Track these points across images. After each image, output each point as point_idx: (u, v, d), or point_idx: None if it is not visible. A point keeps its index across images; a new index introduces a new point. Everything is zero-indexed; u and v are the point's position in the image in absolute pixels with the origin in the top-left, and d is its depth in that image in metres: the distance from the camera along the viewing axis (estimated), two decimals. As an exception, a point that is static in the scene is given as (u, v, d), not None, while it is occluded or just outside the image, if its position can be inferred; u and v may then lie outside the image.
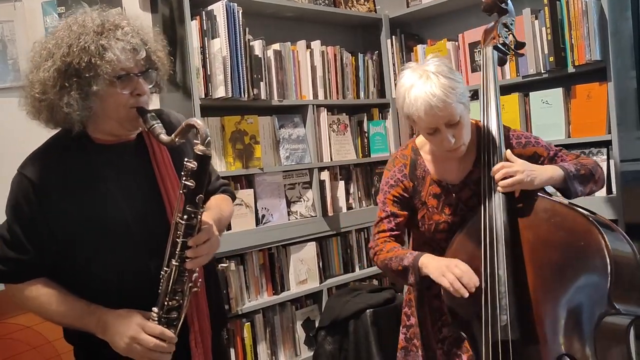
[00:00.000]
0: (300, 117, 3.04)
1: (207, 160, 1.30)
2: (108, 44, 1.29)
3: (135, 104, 1.36)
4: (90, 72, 1.28)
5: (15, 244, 1.36)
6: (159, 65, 1.43)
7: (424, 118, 1.60)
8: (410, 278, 1.69)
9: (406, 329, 1.98)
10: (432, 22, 3.42)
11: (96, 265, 1.37)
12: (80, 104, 1.30)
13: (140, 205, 1.40)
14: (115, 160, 1.41)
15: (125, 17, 1.39)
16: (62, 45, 1.30)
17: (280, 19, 3.13)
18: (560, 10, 2.59)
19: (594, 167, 1.74)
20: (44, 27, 2.67)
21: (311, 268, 2.97)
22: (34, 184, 1.34)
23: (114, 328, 1.32)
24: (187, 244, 1.31)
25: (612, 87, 2.50)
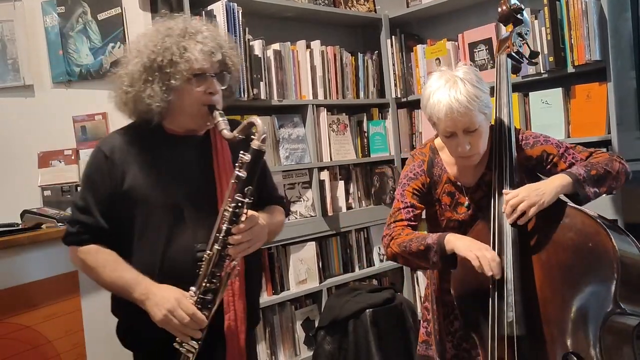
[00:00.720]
0: (300, 117, 3.04)
1: (261, 155, 1.44)
2: (188, 46, 1.48)
3: (207, 101, 1.52)
4: (171, 68, 1.46)
5: (85, 209, 1.52)
6: (232, 70, 1.59)
7: (443, 120, 1.64)
8: (433, 257, 1.66)
9: (427, 323, 2.01)
10: (432, 22, 3.42)
11: (146, 244, 1.51)
12: (160, 96, 1.47)
13: (195, 191, 1.54)
14: (180, 149, 1.57)
15: (206, 24, 1.57)
16: (149, 45, 1.49)
17: (280, 19, 3.13)
18: (560, 11, 2.60)
19: (609, 163, 1.68)
20: (43, 27, 2.67)
21: (311, 268, 2.97)
22: (107, 156, 1.52)
23: (155, 299, 1.43)
24: (230, 230, 1.42)
25: (612, 87, 2.50)
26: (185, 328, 1.42)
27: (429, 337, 1.99)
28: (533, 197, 1.59)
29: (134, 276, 1.47)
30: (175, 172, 1.54)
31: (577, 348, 1.53)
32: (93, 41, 2.69)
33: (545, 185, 1.62)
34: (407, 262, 1.78)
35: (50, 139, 2.65)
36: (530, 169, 1.79)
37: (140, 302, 1.46)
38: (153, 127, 1.54)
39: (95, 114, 2.67)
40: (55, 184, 2.59)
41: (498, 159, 1.73)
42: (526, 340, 1.58)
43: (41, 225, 2.18)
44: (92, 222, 1.52)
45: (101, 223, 1.52)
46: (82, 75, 2.68)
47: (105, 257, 1.51)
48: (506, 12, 1.89)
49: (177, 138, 1.58)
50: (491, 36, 2.92)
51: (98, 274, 1.52)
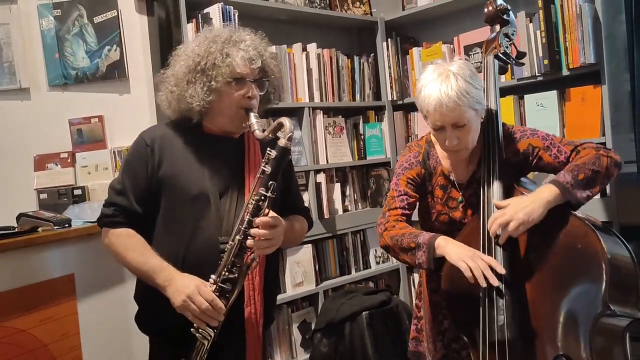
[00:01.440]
0: (296, 120, 3.04)
1: (287, 152, 1.53)
2: (231, 52, 1.59)
3: (245, 104, 1.62)
4: (213, 71, 1.57)
5: (122, 192, 1.62)
6: (271, 78, 1.71)
7: (432, 114, 1.66)
8: (421, 257, 1.67)
9: (417, 320, 2.02)
10: (427, 25, 3.43)
11: (172, 231, 1.60)
12: (201, 95, 1.57)
13: (224, 187, 1.63)
14: (216, 148, 1.66)
15: (250, 34, 1.68)
16: (195, 50, 1.61)
17: (276, 22, 3.14)
18: (554, 14, 2.61)
19: (596, 162, 1.64)
20: (39, 30, 2.67)
21: (307, 270, 2.98)
22: (147, 145, 1.62)
23: (176, 285, 1.51)
24: (252, 222, 1.50)
25: (606, 89, 2.51)
26: (202, 314, 1.48)
27: (419, 334, 2.00)
28: (521, 215, 1.57)
29: (158, 262, 1.55)
30: (208, 167, 1.63)
31: (568, 350, 1.53)
32: (89, 44, 2.69)
33: (532, 201, 1.59)
34: (396, 255, 1.79)
35: (47, 142, 2.65)
36: (519, 165, 1.79)
37: (162, 288, 1.53)
38: (192, 125, 1.65)
39: (91, 116, 2.67)
40: (51, 187, 2.59)
41: (487, 156, 1.74)
42: (517, 344, 1.58)
43: (37, 228, 2.18)
44: (127, 204, 1.61)
45: (135, 207, 1.61)
46: (79, 78, 2.69)
47: (135, 241, 1.60)
48: (492, 12, 1.89)
49: (214, 137, 1.68)
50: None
51: (125, 256, 1.60)
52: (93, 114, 2.66)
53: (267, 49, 1.71)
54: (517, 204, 1.61)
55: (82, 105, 2.68)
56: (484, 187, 1.71)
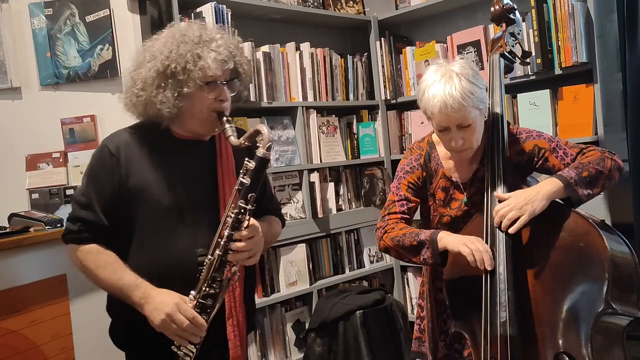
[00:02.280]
0: (289, 119, 3.04)
1: (265, 162, 1.46)
2: (202, 53, 1.49)
3: (217, 108, 1.54)
4: (184, 75, 1.48)
5: (87, 205, 1.51)
6: (243, 78, 1.61)
7: (437, 115, 1.65)
8: (426, 253, 1.68)
9: (420, 320, 2.02)
10: (420, 24, 3.43)
11: (146, 245, 1.52)
12: (172, 102, 1.48)
13: (197, 196, 1.56)
14: (186, 153, 1.58)
15: (220, 31, 1.58)
16: (164, 50, 1.49)
17: (269, 21, 3.13)
18: (547, 13, 2.62)
19: (600, 162, 1.66)
20: (31, 29, 2.65)
21: (301, 270, 2.97)
22: (112, 154, 1.52)
23: (154, 303, 1.44)
24: (232, 236, 1.44)
25: (599, 88, 2.53)
26: (184, 332, 1.43)
27: (422, 334, 2.00)
28: (523, 205, 1.59)
29: (133, 279, 1.47)
30: (180, 175, 1.55)
31: (569, 348, 1.54)
32: (81, 43, 2.67)
33: (536, 192, 1.61)
34: (399, 255, 1.78)
35: (38, 141, 2.64)
36: (522, 165, 1.79)
37: (139, 306, 1.46)
38: (160, 129, 1.55)
39: (83, 116, 2.66)
40: (43, 187, 2.57)
41: (491, 155, 1.73)
42: (518, 340, 1.58)
43: (29, 228, 2.17)
44: (93, 218, 1.51)
45: (103, 220, 1.51)
46: (70, 77, 2.67)
47: (105, 258, 1.51)
48: (499, 11, 1.90)
49: (184, 142, 1.59)
50: (479, 38, 2.94)
51: (97, 275, 1.51)
52: (85, 113, 2.65)
53: (238, 47, 1.62)
54: (519, 195, 1.63)
55: (74, 104, 2.67)
56: (488, 185, 1.71)
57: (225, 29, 1.68)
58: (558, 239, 1.60)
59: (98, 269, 1.50)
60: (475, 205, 1.79)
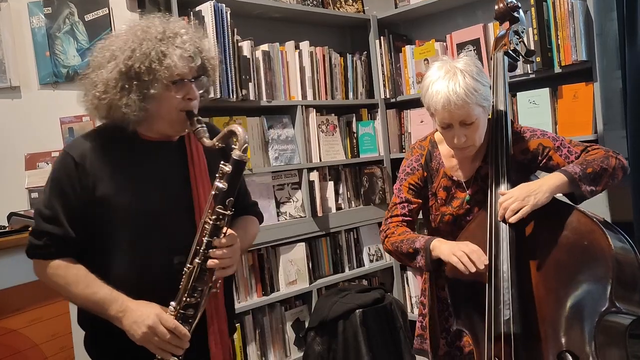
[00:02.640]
0: (289, 118, 3.03)
1: (242, 166, 1.39)
2: (167, 51, 1.39)
3: (186, 107, 1.45)
4: (150, 76, 1.38)
5: (52, 218, 1.41)
6: (210, 73, 1.52)
7: (440, 112, 1.65)
8: (420, 261, 1.71)
9: (422, 317, 2.02)
10: (420, 22, 3.43)
11: (121, 255, 1.43)
12: (138, 105, 1.39)
13: (171, 201, 1.47)
14: (155, 156, 1.49)
15: (184, 26, 1.48)
16: (125, 49, 1.38)
17: (269, 20, 3.13)
18: (546, 11, 2.61)
19: (605, 160, 1.67)
20: (30, 28, 2.65)
21: (301, 269, 2.97)
22: (76, 162, 1.41)
23: (133, 317, 1.37)
24: (212, 243, 1.38)
25: (598, 87, 2.53)
26: (166, 345, 1.36)
27: (424, 332, 2.00)
28: (526, 197, 1.60)
29: (107, 292, 1.39)
30: (150, 180, 1.46)
31: (572, 346, 1.54)
32: (80, 42, 2.67)
33: (540, 185, 1.62)
34: (399, 259, 1.83)
35: (38, 140, 2.64)
36: (526, 164, 1.79)
37: (117, 320, 1.39)
38: (126, 133, 1.45)
39: (82, 115, 2.65)
40: (42, 186, 2.53)
41: (494, 153, 1.73)
42: (522, 339, 1.58)
43: (28, 227, 2.16)
44: (60, 232, 1.41)
45: (70, 233, 1.41)
46: (69, 76, 2.67)
47: (76, 272, 1.42)
48: (503, 9, 1.91)
49: (152, 144, 1.50)
50: (479, 37, 2.93)
51: (68, 291, 1.43)
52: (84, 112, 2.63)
53: (204, 41, 1.52)
54: (523, 187, 1.64)
55: (73, 103, 2.60)
56: (492, 183, 1.72)
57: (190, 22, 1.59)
58: (562, 237, 1.60)
59: (69, 285, 1.42)
60: (477, 203, 1.80)
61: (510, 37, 1.87)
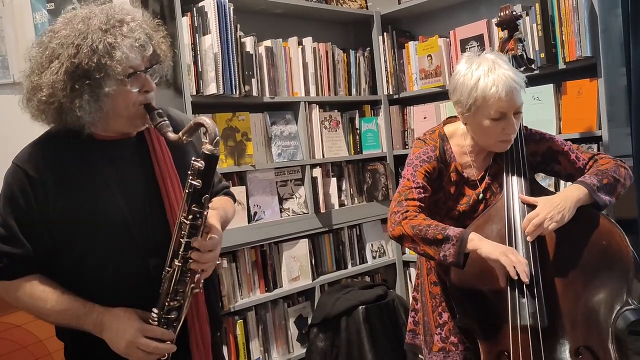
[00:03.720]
0: (292, 114, 3.03)
1: (215, 160, 1.29)
2: (116, 42, 1.26)
3: (144, 100, 1.35)
4: (101, 73, 1.26)
5: (10, 238, 1.31)
6: (162, 59, 1.40)
7: (504, 99, 1.62)
8: (449, 249, 1.60)
9: (414, 312, 2.02)
10: (423, 18, 3.42)
11: (92, 264, 1.34)
12: (92, 106, 1.27)
13: (139, 203, 1.38)
14: (115, 156, 1.38)
15: (128, 12, 1.35)
16: (67, 45, 1.25)
17: (272, 16, 3.12)
18: (551, 7, 2.60)
19: (616, 170, 1.71)
20: (33, 24, 2.64)
21: (303, 265, 2.97)
22: (29, 175, 1.30)
23: (112, 329, 1.30)
24: (191, 244, 1.30)
25: (603, 83, 2.52)
26: (150, 356, 1.30)
27: (416, 327, 2.01)
28: (555, 214, 1.59)
29: (80, 306, 1.31)
30: (113, 183, 1.36)
31: (590, 342, 1.57)
32: (83, 38, 2.67)
33: (565, 200, 1.62)
34: (414, 245, 1.69)
35: (41, 136, 2.63)
36: (534, 165, 1.81)
37: (96, 333, 1.31)
38: (77, 132, 1.32)
39: (85, 111, 2.65)
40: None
41: (510, 152, 1.75)
42: (542, 333, 1.59)
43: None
44: (19, 252, 1.30)
45: (30, 251, 1.31)
46: (72, 72, 2.66)
47: (43, 289, 1.32)
48: (507, 17, 1.93)
49: (109, 143, 1.38)
50: (482, 33, 2.93)
51: (38, 309, 1.33)
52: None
53: (153, 25, 1.38)
54: (547, 203, 1.62)
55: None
56: (508, 180, 1.73)
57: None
58: (581, 236, 1.63)
59: (38, 303, 1.32)
60: (484, 202, 1.81)
61: (516, 43, 1.91)
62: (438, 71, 3.12)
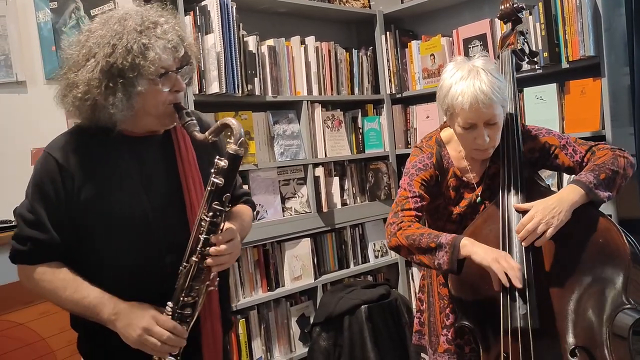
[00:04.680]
0: (294, 113, 3.03)
1: (239, 160, 1.33)
2: (149, 43, 1.31)
3: (173, 100, 1.39)
4: (134, 72, 1.30)
5: (36, 223, 1.35)
6: (192, 60, 1.45)
7: (467, 111, 1.61)
8: (442, 257, 1.60)
9: (420, 313, 2.01)
10: (426, 18, 3.42)
11: (111, 256, 1.38)
12: (124, 103, 1.32)
13: (160, 199, 1.41)
14: (140, 152, 1.43)
15: (162, 14, 1.39)
16: (103, 44, 1.30)
17: (274, 15, 3.12)
18: (554, 6, 2.60)
19: (614, 162, 1.65)
20: (36, 23, 2.65)
21: (306, 264, 2.97)
22: (59, 164, 1.35)
23: (127, 319, 1.32)
24: (209, 241, 1.33)
25: (606, 82, 2.51)
26: (163, 346, 1.32)
27: (422, 328, 2.00)
28: (549, 219, 1.56)
29: (98, 295, 1.34)
30: (138, 178, 1.40)
31: (586, 342, 1.54)
32: (86, 37, 2.67)
33: (560, 202, 1.58)
34: (410, 255, 1.70)
35: (43, 135, 2.60)
36: (534, 162, 1.79)
37: (110, 323, 1.34)
38: (106, 127, 1.37)
39: (88, 110, 2.65)
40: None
41: (507, 154, 1.73)
42: (536, 334, 1.57)
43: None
44: (45, 238, 1.35)
45: (55, 238, 1.35)
46: (75, 71, 2.67)
47: (63, 276, 1.36)
48: (509, 10, 1.91)
49: (136, 140, 1.43)
50: (485, 32, 2.92)
51: (57, 296, 1.37)
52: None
53: (184, 27, 1.44)
54: (544, 207, 1.59)
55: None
56: (504, 182, 1.70)
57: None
58: (578, 234, 1.60)
59: (57, 290, 1.36)
60: (485, 202, 1.80)
61: (517, 37, 1.88)
62: (441, 70, 3.11)
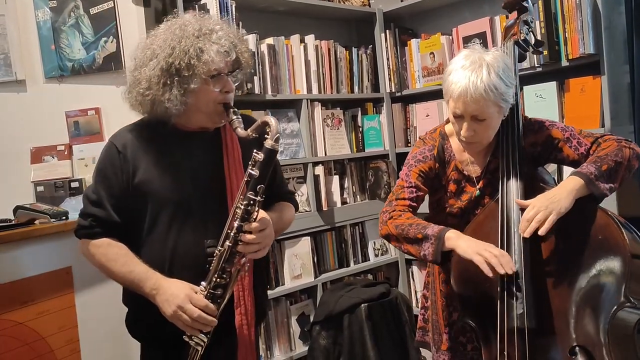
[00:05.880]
0: (294, 112, 3.03)
1: (274, 154, 1.48)
2: (205, 47, 1.49)
3: (223, 100, 1.56)
4: (189, 71, 1.48)
5: (98, 202, 1.55)
6: (244, 66, 1.62)
7: (454, 100, 1.63)
8: (428, 248, 1.62)
9: (424, 310, 2.01)
10: (426, 16, 3.41)
11: (156, 237, 1.55)
12: (179, 99, 1.49)
13: (204, 187, 1.58)
14: (191, 145, 1.60)
15: (218, 22, 1.58)
16: (165, 47, 1.49)
17: (274, 13, 3.12)
18: (554, 4, 2.59)
19: (618, 153, 1.63)
20: (35, 22, 2.65)
21: (306, 263, 2.97)
22: (119, 151, 1.55)
23: (165, 295, 1.47)
24: (242, 228, 1.46)
25: (606, 80, 2.50)
26: (195, 323, 1.45)
27: (426, 324, 2.00)
28: (548, 205, 1.56)
29: (144, 270, 1.51)
30: (186, 168, 1.58)
31: (585, 341, 1.53)
32: (85, 36, 2.67)
33: (560, 193, 1.58)
34: (399, 244, 1.73)
35: (43, 134, 2.64)
36: (535, 156, 1.77)
37: (151, 297, 1.50)
38: (164, 123, 1.56)
39: (88, 109, 2.65)
40: (48, 179, 2.57)
41: (506, 147, 1.71)
42: (534, 333, 1.57)
43: (34, 221, 2.17)
44: (104, 215, 1.55)
45: (113, 217, 1.55)
46: (75, 70, 2.67)
47: (116, 250, 1.55)
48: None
49: (189, 134, 1.60)
50: (485, 30, 2.91)
51: (109, 267, 1.55)
52: (90, 106, 2.65)
53: (238, 36, 1.62)
54: (544, 198, 1.59)
55: (78, 97, 2.66)
56: (503, 177, 1.70)
57: (224, 18, 1.67)
58: (577, 231, 1.58)
59: (109, 262, 1.55)
60: (486, 196, 1.79)
61: (520, 27, 1.85)
62: (440, 69, 3.11)
